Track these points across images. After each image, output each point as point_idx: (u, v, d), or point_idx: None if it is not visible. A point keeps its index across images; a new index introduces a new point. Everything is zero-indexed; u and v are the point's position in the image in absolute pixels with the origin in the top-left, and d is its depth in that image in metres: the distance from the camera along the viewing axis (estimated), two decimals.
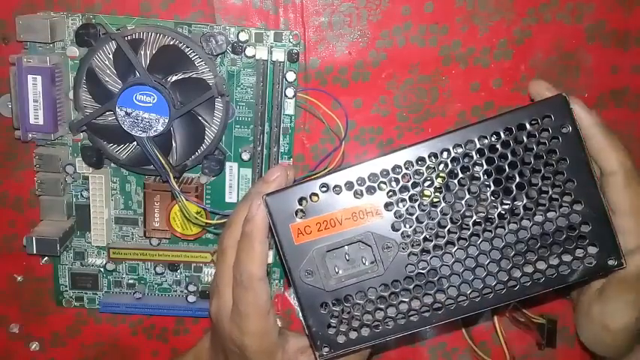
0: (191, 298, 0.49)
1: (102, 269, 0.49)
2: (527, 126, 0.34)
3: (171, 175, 0.42)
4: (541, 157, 0.34)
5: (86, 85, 0.43)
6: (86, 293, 0.50)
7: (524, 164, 0.34)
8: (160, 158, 0.42)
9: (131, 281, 0.50)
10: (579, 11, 0.47)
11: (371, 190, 0.35)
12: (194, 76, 0.43)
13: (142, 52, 0.43)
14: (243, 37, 0.44)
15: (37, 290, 0.51)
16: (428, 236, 0.35)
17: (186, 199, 0.43)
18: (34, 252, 0.45)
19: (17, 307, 0.52)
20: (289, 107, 0.45)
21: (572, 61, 0.48)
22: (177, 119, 0.43)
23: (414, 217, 0.35)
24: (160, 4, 0.45)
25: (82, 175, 0.47)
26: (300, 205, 0.35)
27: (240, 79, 0.45)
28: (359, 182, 0.35)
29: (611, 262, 0.35)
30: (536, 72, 0.47)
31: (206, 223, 0.45)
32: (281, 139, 0.46)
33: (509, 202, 0.35)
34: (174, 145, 0.44)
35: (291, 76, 0.44)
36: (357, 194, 0.35)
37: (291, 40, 0.44)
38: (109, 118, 0.44)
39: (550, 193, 0.35)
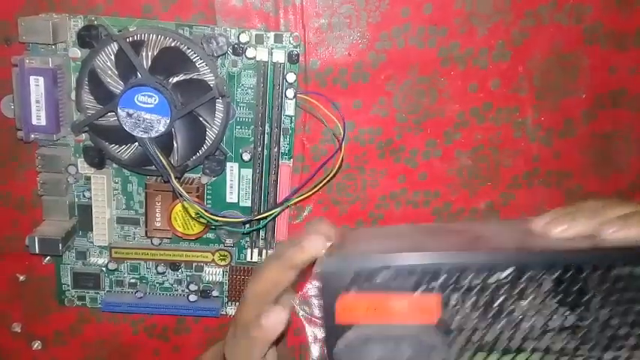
0: (192, 298, 0.50)
1: (104, 269, 0.50)
2: (617, 269, 0.29)
3: (172, 175, 0.43)
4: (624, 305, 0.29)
5: (88, 86, 0.44)
6: (88, 292, 0.50)
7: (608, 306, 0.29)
8: (162, 159, 0.43)
9: (133, 280, 0.50)
10: (577, 13, 0.47)
11: (438, 286, 0.29)
12: (195, 77, 0.44)
13: (144, 54, 0.43)
14: (243, 38, 0.44)
15: (39, 289, 0.51)
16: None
17: (188, 200, 0.43)
18: (37, 252, 0.45)
19: (20, 306, 0.52)
20: (289, 108, 0.46)
21: (570, 63, 0.48)
22: (178, 120, 0.43)
23: (471, 326, 0.29)
24: (162, 6, 0.45)
25: (84, 175, 0.47)
26: (357, 277, 0.29)
27: (241, 80, 0.45)
28: (426, 272, 0.29)
29: None
30: (535, 73, 0.48)
31: (209, 217, 0.45)
32: (281, 139, 0.46)
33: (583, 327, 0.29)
34: (175, 145, 0.44)
35: (291, 77, 0.45)
36: (421, 285, 0.29)
37: (292, 42, 0.45)
38: (111, 119, 0.44)
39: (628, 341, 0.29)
